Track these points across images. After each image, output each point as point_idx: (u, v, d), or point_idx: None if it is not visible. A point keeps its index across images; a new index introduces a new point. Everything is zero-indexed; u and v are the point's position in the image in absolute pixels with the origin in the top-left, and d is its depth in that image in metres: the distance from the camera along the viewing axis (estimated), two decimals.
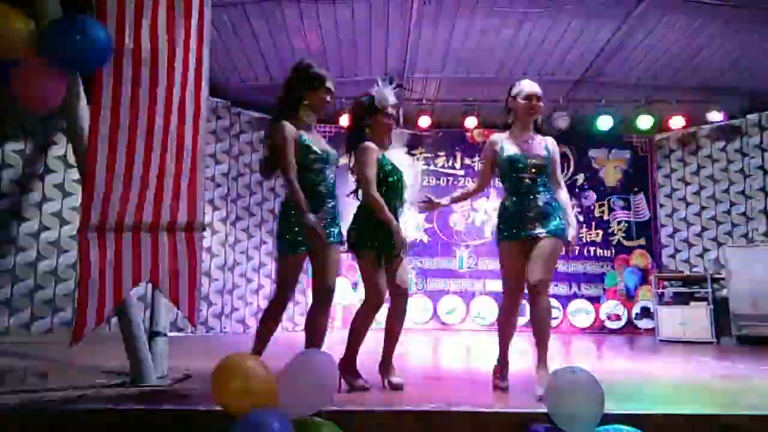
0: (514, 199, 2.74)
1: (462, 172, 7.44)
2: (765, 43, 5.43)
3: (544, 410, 2.02)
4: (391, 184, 2.79)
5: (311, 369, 1.85)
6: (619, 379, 3.34)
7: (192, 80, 2.80)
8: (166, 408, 2.13)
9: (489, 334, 6.59)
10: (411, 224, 7.19)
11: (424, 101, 6.82)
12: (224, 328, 6.07)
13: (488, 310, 7.03)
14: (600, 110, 6.70)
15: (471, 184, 3.24)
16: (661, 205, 7.34)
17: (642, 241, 7.32)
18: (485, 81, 6.45)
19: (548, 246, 2.62)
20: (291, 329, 6.50)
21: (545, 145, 2.81)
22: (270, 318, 2.68)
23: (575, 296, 7.15)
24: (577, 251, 7.32)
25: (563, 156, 7.58)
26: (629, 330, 7.02)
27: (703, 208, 6.92)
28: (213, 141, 6.25)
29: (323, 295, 2.64)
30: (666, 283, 6.28)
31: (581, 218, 7.37)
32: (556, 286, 7.16)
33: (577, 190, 7.45)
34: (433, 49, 5.84)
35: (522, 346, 5.65)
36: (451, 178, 7.40)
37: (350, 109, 3.02)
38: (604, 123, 6.68)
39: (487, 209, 7.33)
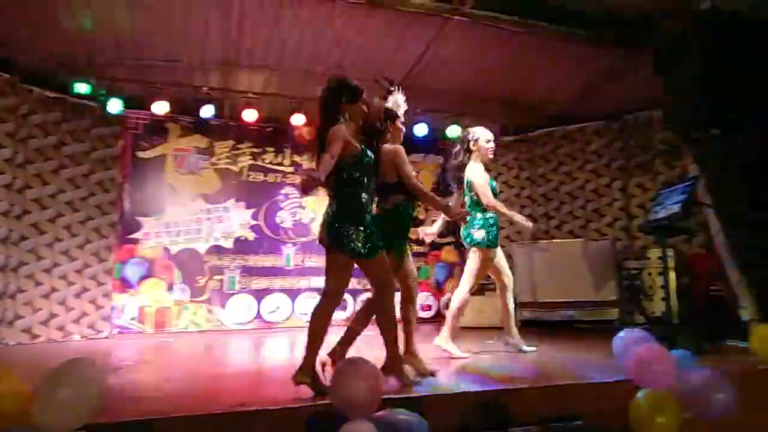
0: (494, 215, 3.95)
1: (291, 169, 7.40)
2: (548, 68, 6.36)
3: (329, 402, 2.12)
4: None
5: (72, 379, 1.68)
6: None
7: None
8: None
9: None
10: (236, 221, 6.96)
11: (250, 94, 6.64)
12: (4, 339, 5.21)
13: (313, 306, 7.12)
14: (416, 118, 7.20)
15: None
16: None
17: (451, 239, 8.06)
18: (313, 78, 6.51)
19: None
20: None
21: None
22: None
23: None
24: None
25: None
26: (439, 319, 7.68)
27: None
28: None
29: None
30: None
31: None
32: None
33: None
34: (257, 42, 5.72)
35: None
36: (279, 175, 7.32)
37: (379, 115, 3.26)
38: (420, 130, 7.20)
39: (314, 208, 7.41)
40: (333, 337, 2.79)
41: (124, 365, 4.09)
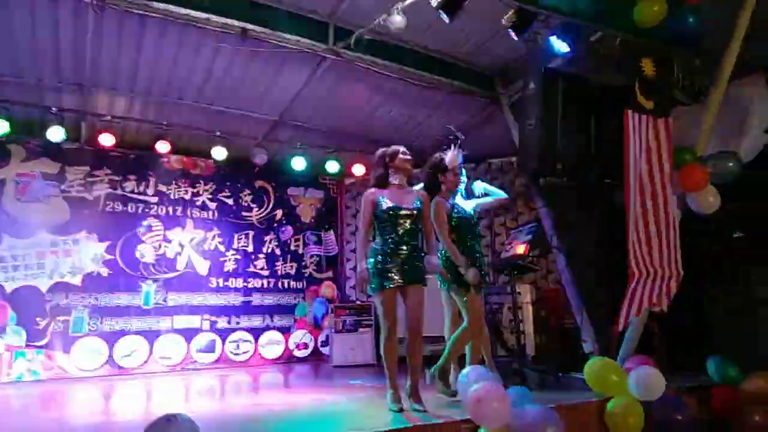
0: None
1: (155, 199, 6.91)
2: (420, 113, 6.66)
3: None
4: (460, 227, 3.74)
5: None
6: (251, 414, 3.45)
7: None
8: None
9: (172, 376, 6.16)
10: (87, 256, 6.31)
11: (110, 118, 6.15)
12: None
13: (175, 349, 6.59)
14: (295, 152, 7.14)
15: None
16: (348, 242, 8.20)
17: (330, 274, 8.00)
18: (183, 106, 6.22)
19: None
20: None
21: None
22: None
23: (267, 328, 7.31)
24: (272, 283, 7.55)
25: (264, 191, 7.83)
26: (315, 357, 7.50)
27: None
28: None
29: None
30: (346, 312, 6.94)
31: (278, 252, 7.67)
32: (249, 319, 7.22)
33: (275, 224, 7.74)
34: (118, 64, 5.34)
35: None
36: (141, 205, 6.80)
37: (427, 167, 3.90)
38: (298, 164, 7.13)
39: (181, 241, 6.97)
40: None
41: None
